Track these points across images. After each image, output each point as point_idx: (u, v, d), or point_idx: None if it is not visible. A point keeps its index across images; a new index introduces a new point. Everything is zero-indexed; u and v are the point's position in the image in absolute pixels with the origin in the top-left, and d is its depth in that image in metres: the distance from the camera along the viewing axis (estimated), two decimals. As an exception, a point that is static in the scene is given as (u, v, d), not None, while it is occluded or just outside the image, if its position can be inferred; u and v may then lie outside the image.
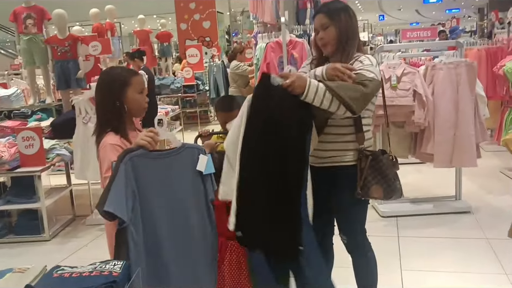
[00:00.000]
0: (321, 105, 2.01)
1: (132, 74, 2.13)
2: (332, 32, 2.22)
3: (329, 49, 2.26)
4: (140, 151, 1.83)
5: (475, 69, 4.09)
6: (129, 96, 2.06)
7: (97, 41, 5.39)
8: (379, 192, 2.24)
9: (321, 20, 2.25)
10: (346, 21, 2.24)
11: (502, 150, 5.65)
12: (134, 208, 1.78)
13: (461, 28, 12.86)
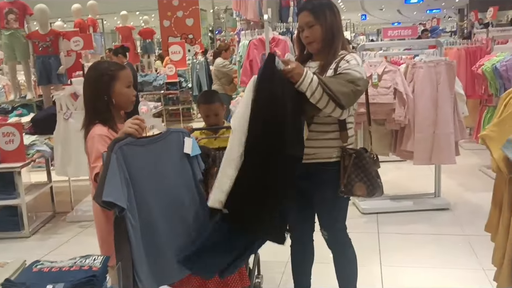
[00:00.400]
0: (312, 96, 2.04)
1: (120, 68, 2.15)
2: (317, 31, 2.23)
3: (314, 47, 2.27)
4: (128, 139, 1.87)
5: (454, 68, 4.16)
6: (116, 90, 2.10)
7: (79, 37, 5.33)
8: (362, 189, 2.27)
9: (305, 18, 2.25)
10: (331, 19, 2.24)
11: (480, 148, 5.76)
12: (128, 195, 1.84)
13: (442, 28, 13.04)
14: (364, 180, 2.26)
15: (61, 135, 4.47)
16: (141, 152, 1.89)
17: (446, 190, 4.68)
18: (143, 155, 1.89)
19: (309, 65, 2.32)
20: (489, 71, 4.99)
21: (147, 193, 1.90)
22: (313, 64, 2.33)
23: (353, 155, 2.25)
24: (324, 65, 2.26)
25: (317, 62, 2.32)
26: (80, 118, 2.25)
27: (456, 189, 4.94)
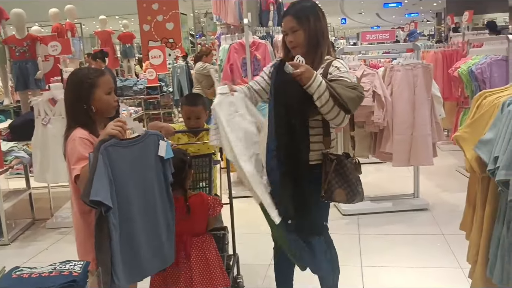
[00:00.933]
0: (318, 100, 2.07)
1: (100, 74, 2.16)
2: (300, 36, 2.24)
3: (298, 51, 2.27)
4: (113, 141, 1.93)
5: (431, 70, 4.24)
6: (97, 98, 2.12)
7: (57, 41, 5.28)
8: (342, 196, 2.29)
9: (289, 23, 2.25)
10: (315, 24, 2.24)
11: (457, 149, 5.83)
12: (111, 194, 1.89)
13: (420, 32, 13.25)
14: (344, 187, 2.27)
15: (40, 141, 4.40)
16: (123, 153, 1.95)
17: (425, 190, 4.76)
18: (125, 156, 1.96)
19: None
20: (465, 73, 5.10)
21: (128, 193, 1.97)
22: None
23: (334, 161, 2.26)
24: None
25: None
26: (59, 123, 2.26)
27: (434, 189, 5.03)
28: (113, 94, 2.18)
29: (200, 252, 2.37)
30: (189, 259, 2.32)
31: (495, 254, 1.94)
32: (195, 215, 2.35)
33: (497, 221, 1.93)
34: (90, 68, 2.40)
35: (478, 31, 8.66)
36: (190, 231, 2.31)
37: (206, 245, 2.38)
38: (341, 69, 2.23)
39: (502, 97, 1.96)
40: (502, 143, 1.78)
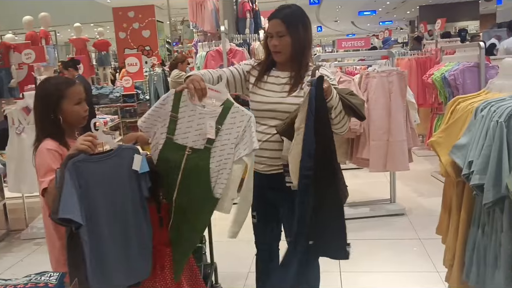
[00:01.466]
0: (334, 111, 2.08)
1: (68, 85, 2.12)
2: (287, 42, 2.20)
3: (280, 57, 2.24)
4: (81, 156, 1.87)
5: (405, 77, 4.31)
6: (64, 109, 2.09)
7: (31, 49, 5.19)
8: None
9: (277, 27, 2.20)
10: (303, 33, 2.22)
11: (432, 155, 5.95)
12: (81, 211, 1.83)
13: (394, 39, 13.51)
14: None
15: (14, 151, 4.32)
16: (94, 169, 1.90)
17: (401, 195, 4.82)
18: (96, 171, 1.90)
19: (276, 75, 2.31)
20: (439, 80, 5.20)
21: (98, 209, 1.90)
22: (282, 74, 2.30)
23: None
24: (296, 77, 2.24)
25: (284, 72, 2.29)
26: (33, 133, 2.20)
27: (411, 194, 5.10)
28: (83, 104, 2.14)
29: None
30: (163, 270, 2.26)
31: (470, 257, 1.97)
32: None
33: (472, 225, 1.97)
34: (60, 77, 2.35)
35: (450, 38, 8.86)
36: (164, 241, 2.27)
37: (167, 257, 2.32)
38: (331, 77, 2.24)
39: (476, 103, 2.00)
40: (476, 148, 1.81)
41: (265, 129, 2.26)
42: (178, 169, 2.00)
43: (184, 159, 1.99)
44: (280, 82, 2.27)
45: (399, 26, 31.26)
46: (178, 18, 14.58)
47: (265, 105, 2.26)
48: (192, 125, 2.00)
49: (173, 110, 2.01)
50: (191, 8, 5.74)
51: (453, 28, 18.79)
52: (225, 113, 2.02)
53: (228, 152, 2.01)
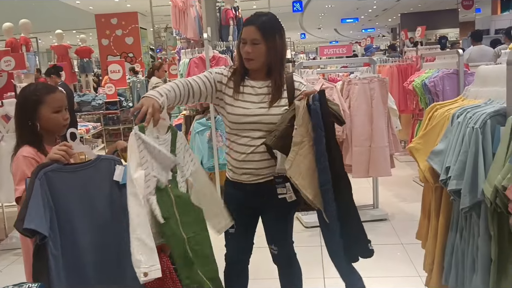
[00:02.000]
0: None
1: (48, 91, 2.07)
2: (261, 50, 2.16)
3: (252, 65, 2.20)
4: (54, 166, 1.82)
5: (386, 84, 4.36)
6: (42, 115, 2.05)
7: (10, 56, 5.12)
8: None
9: (252, 34, 2.15)
10: (279, 43, 2.20)
11: (414, 161, 6.03)
12: (51, 222, 1.78)
13: (376, 46, 13.69)
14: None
15: (-8, 159, 4.24)
16: (68, 179, 1.84)
17: (384, 201, 4.86)
18: (70, 181, 1.85)
19: (251, 85, 2.25)
20: (419, 87, 5.27)
21: (73, 220, 1.84)
22: (257, 84, 2.25)
23: None
24: (276, 88, 2.22)
25: (259, 82, 2.25)
26: (12, 141, 2.18)
27: (393, 199, 5.15)
28: (63, 112, 2.09)
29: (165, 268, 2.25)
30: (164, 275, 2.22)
31: (449, 262, 1.99)
32: None
33: (450, 230, 2.00)
34: (41, 83, 2.26)
35: (430, 45, 9.02)
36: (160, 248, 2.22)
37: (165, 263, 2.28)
38: (304, 83, 2.27)
39: (452, 109, 2.04)
40: (453, 154, 1.84)
41: (248, 141, 2.21)
42: (172, 205, 1.92)
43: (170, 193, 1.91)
44: (257, 93, 2.23)
45: (381, 34, 31.69)
46: (161, 25, 14.55)
47: (247, 118, 2.20)
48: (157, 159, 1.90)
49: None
50: (174, 15, 5.73)
51: (433, 35, 19.12)
52: (174, 139, 1.98)
53: (182, 175, 2.01)
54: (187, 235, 1.94)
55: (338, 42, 31.09)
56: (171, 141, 1.98)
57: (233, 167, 2.30)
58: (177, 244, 1.92)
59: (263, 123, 2.19)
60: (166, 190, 1.91)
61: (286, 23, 17.03)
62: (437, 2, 19.06)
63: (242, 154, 2.23)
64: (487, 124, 1.75)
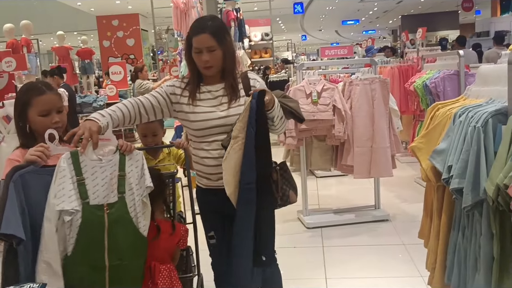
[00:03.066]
0: (275, 119, 2.18)
1: (37, 93, 2.02)
2: (218, 55, 2.16)
3: (212, 71, 2.20)
4: (30, 168, 1.81)
5: (387, 84, 4.37)
6: (30, 117, 2.02)
7: (12, 57, 5.15)
8: (293, 197, 2.36)
9: (207, 42, 2.13)
10: (230, 42, 2.22)
11: (416, 161, 6.00)
12: (24, 225, 1.76)
13: (376, 48, 13.71)
14: (292, 187, 2.35)
15: (-6, 160, 4.24)
16: (43, 181, 1.82)
17: (385, 201, 4.86)
18: (45, 184, 1.82)
19: (207, 90, 2.25)
20: (420, 88, 5.28)
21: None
22: (213, 88, 2.24)
23: (277, 168, 2.31)
24: (231, 88, 2.22)
25: (216, 85, 2.24)
26: (14, 142, 2.17)
27: (395, 200, 5.15)
28: (52, 115, 2.02)
29: (167, 281, 2.20)
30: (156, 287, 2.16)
31: (452, 260, 2.00)
32: (165, 242, 2.22)
33: (453, 229, 2.00)
34: (34, 83, 2.18)
35: (431, 47, 9.04)
36: (159, 258, 2.19)
37: (174, 275, 2.23)
38: (259, 81, 2.31)
39: (454, 109, 2.04)
40: (455, 153, 1.85)
41: (218, 146, 2.20)
42: (103, 231, 1.88)
43: (105, 219, 1.88)
44: (215, 96, 2.23)
45: (382, 35, 31.71)
46: (162, 27, 14.58)
47: (211, 122, 2.19)
48: (98, 181, 1.89)
49: (77, 173, 1.85)
50: (176, 17, 5.74)
51: (434, 37, 19.14)
52: (122, 159, 1.95)
53: (137, 194, 1.97)
54: (112, 262, 1.91)
55: (339, 43, 31.10)
56: (119, 162, 1.94)
57: (208, 174, 2.26)
58: (90, 273, 1.89)
59: (226, 125, 2.18)
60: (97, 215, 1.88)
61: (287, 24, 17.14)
62: (437, 4, 19.10)
63: (214, 159, 2.21)
64: (488, 123, 1.75)
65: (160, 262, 2.20)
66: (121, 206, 1.92)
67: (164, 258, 2.22)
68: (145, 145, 2.80)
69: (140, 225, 1.97)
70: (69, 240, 1.84)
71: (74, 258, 1.85)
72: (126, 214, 1.93)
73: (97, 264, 1.89)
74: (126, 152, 1.95)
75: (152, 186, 2.00)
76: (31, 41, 7.97)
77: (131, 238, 1.95)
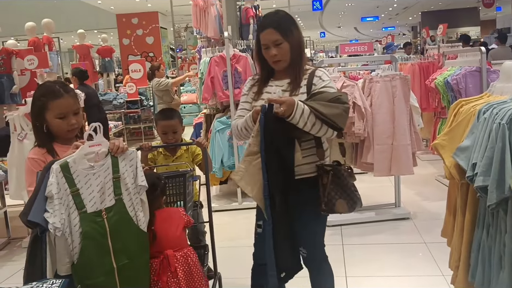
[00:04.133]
0: (304, 126, 2.05)
1: (54, 97, 2.06)
2: (286, 48, 2.17)
3: (281, 65, 2.22)
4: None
5: (408, 81, 4.31)
6: (48, 120, 2.07)
7: (33, 55, 5.22)
8: (343, 206, 2.22)
9: (272, 36, 2.17)
10: (298, 35, 2.21)
11: (436, 159, 5.96)
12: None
13: (396, 44, 13.54)
14: (343, 196, 2.22)
15: (16, 157, 4.30)
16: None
17: (406, 200, 4.81)
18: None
19: (275, 84, 2.25)
20: (441, 84, 5.20)
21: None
22: (280, 83, 2.25)
23: (330, 173, 2.20)
24: (294, 83, 2.22)
25: (283, 80, 2.26)
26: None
27: (415, 198, 5.09)
28: (68, 118, 2.06)
29: (186, 267, 2.23)
30: (176, 276, 2.18)
31: (476, 259, 1.96)
32: (172, 227, 2.25)
33: (477, 227, 1.96)
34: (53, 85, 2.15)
35: (452, 43, 8.89)
36: (172, 247, 2.22)
37: (191, 259, 2.26)
38: (323, 78, 2.21)
39: (478, 105, 2.01)
40: (479, 150, 1.81)
41: None
42: (105, 235, 1.93)
43: (106, 223, 1.93)
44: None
45: (401, 32, 31.32)
46: (181, 25, 14.65)
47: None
48: (93, 188, 1.92)
49: (70, 185, 1.87)
50: (195, 15, 5.76)
51: (454, 34, 18.84)
52: (115, 160, 1.98)
53: (134, 193, 2.01)
54: (120, 262, 1.96)
55: (358, 40, 30.86)
56: (112, 164, 1.97)
57: None
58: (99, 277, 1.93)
59: None
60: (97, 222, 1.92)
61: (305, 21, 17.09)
62: (457, 0, 18.80)
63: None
64: (514, 119, 1.71)
65: (175, 250, 2.22)
66: (119, 207, 1.96)
67: (177, 245, 2.24)
68: (165, 142, 2.82)
69: (140, 222, 2.02)
70: (73, 250, 1.88)
71: (81, 266, 1.89)
72: (126, 214, 1.98)
73: (105, 268, 1.94)
74: (116, 154, 1.97)
75: (146, 185, 2.03)
76: (52, 39, 8.07)
77: (134, 236, 2.00)
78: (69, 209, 1.87)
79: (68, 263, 1.88)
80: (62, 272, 1.86)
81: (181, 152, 2.91)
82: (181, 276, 2.19)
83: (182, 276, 2.19)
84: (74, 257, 1.88)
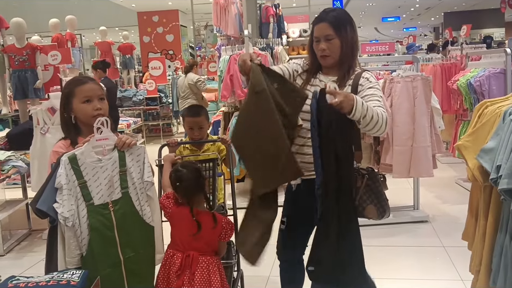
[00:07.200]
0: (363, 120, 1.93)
1: (77, 84, 2.13)
2: (336, 45, 2.15)
3: (329, 61, 2.19)
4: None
5: (430, 82, 4.24)
6: (74, 107, 2.11)
7: (57, 51, 5.28)
8: (373, 212, 2.16)
9: (325, 31, 2.15)
10: (351, 35, 2.17)
11: (457, 162, 5.87)
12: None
13: (418, 45, 13.37)
14: (375, 203, 2.16)
15: (38, 150, 4.38)
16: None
17: (425, 202, 4.74)
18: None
19: (321, 79, 2.24)
20: (464, 86, 5.11)
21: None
22: (326, 79, 2.22)
23: (366, 176, 2.14)
24: (341, 81, 2.17)
25: (329, 77, 2.23)
26: (58, 133, 2.25)
27: (434, 201, 5.01)
28: (94, 102, 2.09)
29: (205, 273, 2.23)
30: (192, 279, 2.20)
31: (498, 263, 1.92)
32: (206, 234, 2.25)
33: (499, 231, 1.92)
34: (77, 77, 2.31)
35: (475, 45, 8.73)
36: (198, 249, 2.23)
37: (212, 268, 2.25)
38: (371, 80, 2.15)
39: (504, 107, 1.96)
40: (505, 152, 1.77)
41: (302, 133, 2.18)
42: (112, 228, 1.97)
43: (112, 216, 1.96)
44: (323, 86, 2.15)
45: (423, 33, 30.91)
46: (201, 23, 14.70)
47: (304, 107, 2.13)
48: (101, 181, 1.96)
49: (78, 177, 1.91)
50: (215, 13, 5.77)
51: (477, 35, 18.52)
52: (122, 155, 2.01)
53: (140, 187, 2.05)
54: (126, 255, 2.00)
55: (378, 41, 30.57)
56: (119, 158, 2.01)
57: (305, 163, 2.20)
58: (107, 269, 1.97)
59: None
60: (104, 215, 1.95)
61: (325, 21, 16.72)
62: (481, 1, 18.47)
63: (295, 145, 2.20)
64: (541, 121, 1.67)
65: (201, 253, 2.22)
66: (126, 201, 2.01)
67: (204, 250, 2.25)
68: (191, 138, 2.85)
69: (145, 217, 2.07)
70: (81, 241, 1.92)
71: (90, 257, 1.93)
72: (132, 208, 2.03)
73: (113, 260, 1.98)
74: (122, 148, 2.01)
75: (152, 181, 2.08)
76: (75, 36, 8.18)
77: (140, 230, 2.05)
78: (78, 200, 1.91)
79: (78, 255, 1.92)
80: (71, 265, 1.89)
81: (208, 146, 2.93)
82: (197, 281, 2.20)
83: (198, 281, 2.20)
84: (83, 248, 1.92)
